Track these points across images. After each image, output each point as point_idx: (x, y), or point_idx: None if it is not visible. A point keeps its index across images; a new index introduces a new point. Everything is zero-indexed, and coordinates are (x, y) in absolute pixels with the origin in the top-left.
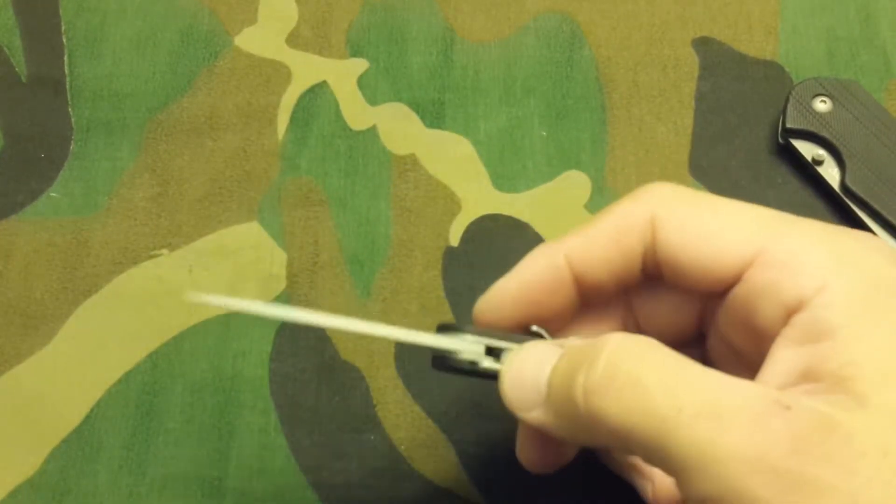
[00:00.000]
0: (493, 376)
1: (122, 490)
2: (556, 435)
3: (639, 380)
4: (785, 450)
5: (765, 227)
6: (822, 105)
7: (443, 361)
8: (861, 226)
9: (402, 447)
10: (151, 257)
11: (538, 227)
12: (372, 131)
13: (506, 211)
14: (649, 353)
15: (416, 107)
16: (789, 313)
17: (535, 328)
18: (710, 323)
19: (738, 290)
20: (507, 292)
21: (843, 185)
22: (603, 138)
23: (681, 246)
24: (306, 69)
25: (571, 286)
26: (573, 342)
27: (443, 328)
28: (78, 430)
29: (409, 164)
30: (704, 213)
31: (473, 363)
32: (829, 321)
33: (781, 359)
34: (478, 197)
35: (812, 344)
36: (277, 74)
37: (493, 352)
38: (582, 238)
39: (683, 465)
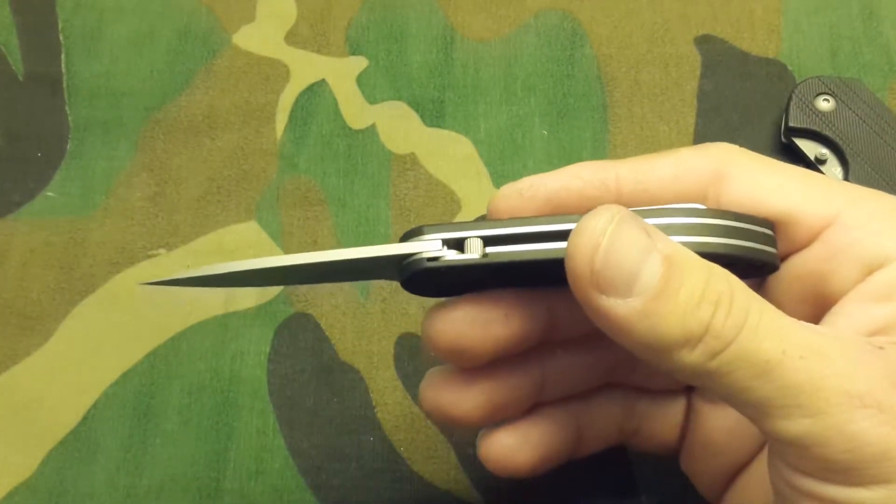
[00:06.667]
0: (470, 270)
1: (120, 492)
2: (623, 339)
3: (756, 326)
4: (886, 385)
5: (841, 192)
6: (824, 104)
7: (406, 272)
8: None
9: (402, 448)
10: (149, 257)
11: None
12: (371, 130)
13: None
14: (761, 298)
15: (416, 105)
16: (869, 272)
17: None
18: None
19: (809, 252)
20: (544, 187)
21: None
22: (604, 137)
23: (756, 202)
24: (305, 67)
25: None
26: (666, 241)
27: (403, 236)
28: (75, 432)
29: (409, 163)
30: (778, 172)
31: (434, 259)
32: None
33: (851, 313)
34: (478, 196)
35: (889, 302)
36: (276, 73)
37: (455, 244)
38: (637, 167)
39: (782, 403)
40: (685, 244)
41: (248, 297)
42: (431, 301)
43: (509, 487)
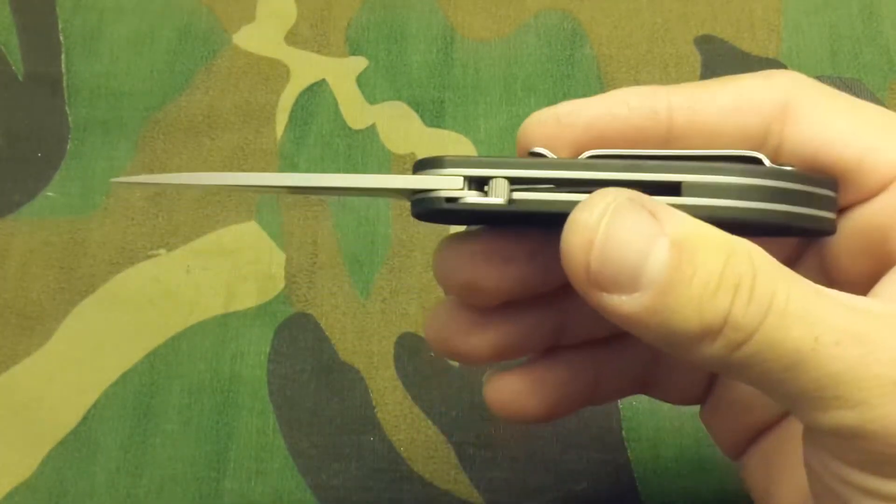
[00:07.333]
0: (493, 216)
1: (120, 492)
2: (635, 334)
3: (783, 311)
4: None
5: None
6: None
7: (420, 206)
8: None
9: (402, 448)
10: (149, 257)
11: None
12: (371, 130)
13: None
14: (790, 276)
15: (416, 105)
16: None
17: (538, 149)
18: (801, 253)
19: (877, 203)
20: (585, 113)
21: None
22: None
23: (823, 144)
24: (305, 67)
25: (660, 144)
26: (677, 221)
27: (420, 165)
28: (75, 432)
29: (409, 163)
30: (852, 111)
31: (452, 200)
32: None
33: None
34: None
35: None
36: (276, 73)
37: (478, 184)
38: (692, 95)
39: (818, 395)
40: (734, 208)
41: (249, 297)
42: (431, 304)
43: (510, 487)
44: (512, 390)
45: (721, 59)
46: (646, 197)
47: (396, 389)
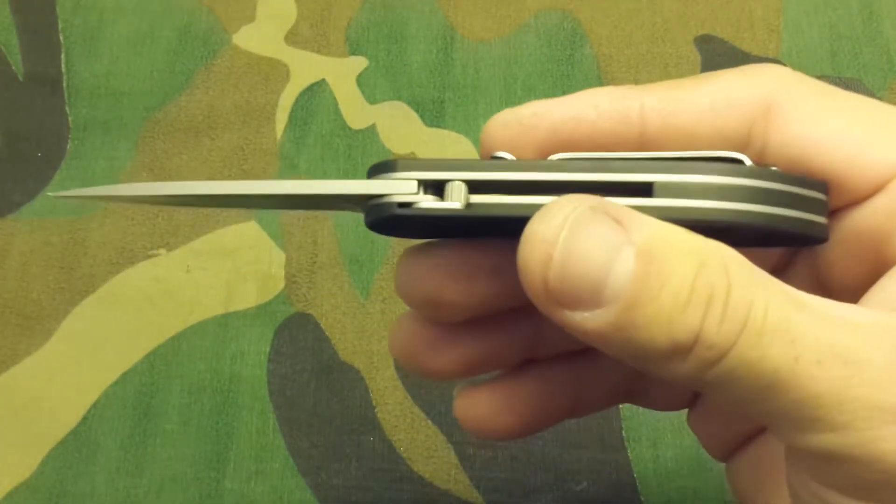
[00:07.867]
0: (451, 223)
1: (120, 492)
2: (605, 350)
3: (759, 328)
4: None
5: None
6: None
7: (372, 215)
8: None
9: (402, 448)
10: (149, 257)
11: None
12: (371, 130)
13: None
14: (769, 285)
15: (416, 105)
16: None
17: (500, 153)
18: (791, 260)
19: (871, 205)
20: (549, 116)
21: None
22: None
23: (811, 145)
24: (305, 67)
25: (633, 149)
26: (644, 227)
27: (373, 170)
28: (75, 432)
29: None
30: (841, 109)
31: (405, 205)
32: None
33: None
34: None
35: None
36: (276, 73)
37: (434, 188)
38: (666, 97)
39: (798, 416)
40: (712, 209)
41: (249, 297)
42: None
43: (510, 487)
44: (483, 407)
45: (721, 59)
46: (610, 202)
47: (396, 389)
